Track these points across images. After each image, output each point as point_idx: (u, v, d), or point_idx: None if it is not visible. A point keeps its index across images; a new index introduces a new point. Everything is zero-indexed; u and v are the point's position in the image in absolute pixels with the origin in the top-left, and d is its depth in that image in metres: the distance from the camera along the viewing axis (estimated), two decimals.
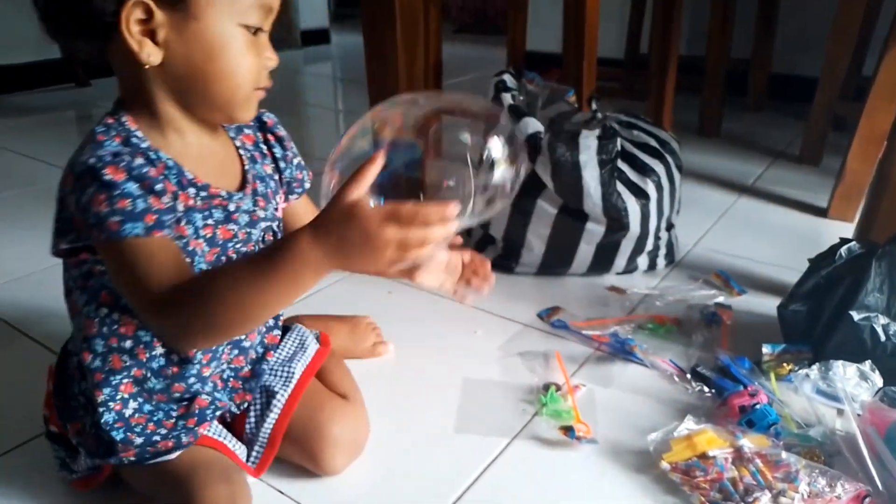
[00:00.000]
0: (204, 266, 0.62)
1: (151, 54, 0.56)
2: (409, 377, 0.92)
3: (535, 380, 0.90)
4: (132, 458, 0.64)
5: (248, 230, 0.65)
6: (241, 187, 0.66)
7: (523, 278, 1.18)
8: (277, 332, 0.76)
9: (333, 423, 0.71)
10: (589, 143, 1.06)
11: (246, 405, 0.72)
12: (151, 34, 0.56)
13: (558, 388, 0.87)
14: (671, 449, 0.74)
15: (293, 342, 0.77)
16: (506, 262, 1.18)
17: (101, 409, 0.63)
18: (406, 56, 1.28)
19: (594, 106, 1.14)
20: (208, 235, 0.62)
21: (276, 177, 0.71)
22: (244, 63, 0.59)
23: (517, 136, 0.67)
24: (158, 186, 0.56)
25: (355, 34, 4.14)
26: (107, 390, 0.63)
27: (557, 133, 1.07)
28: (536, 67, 2.45)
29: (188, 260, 0.60)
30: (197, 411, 0.67)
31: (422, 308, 1.10)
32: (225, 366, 0.69)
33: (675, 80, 1.86)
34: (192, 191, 0.61)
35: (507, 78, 1.19)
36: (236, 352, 0.69)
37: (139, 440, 0.64)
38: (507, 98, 1.13)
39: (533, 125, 1.09)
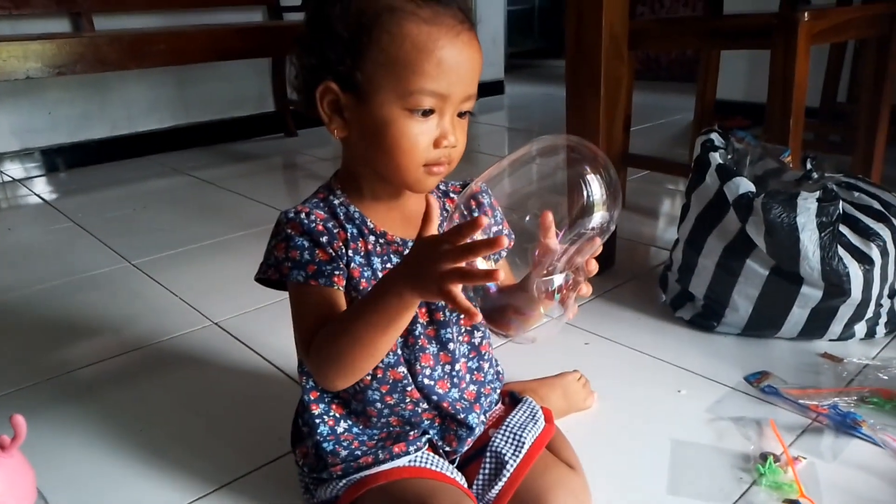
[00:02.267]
0: None
1: (337, 129, 0.67)
2: (615, 434, 0.93)
3: (749, 447, 0.87)
4: (339, 473, 0.73)
5: None
6: None
7: (725, 338, 1.15)
8: (473, 388, 0.78)
9: (558, 493, 0.72)
10: (808, 204, 1.02)
11: (457, 457, 0.77)
12: (341, 111, 0.66)
13: (776, 458, 0.84)
14: None
15: (524, 413, 0.80)
16: (706, 320, 1.16)
17: (316, 421, 0.73)
18: (607, 118, 1.32)
19: (809, 165, 1.11)
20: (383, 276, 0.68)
21: None
22: (405, 143, 0.64)
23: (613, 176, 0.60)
24: (324, 239, 0.67)
25: (526, 84, 4.31)
26: (322, 406, 0.74)
27: (772, 193, 1.05)
28: (720, 116, 2.39)
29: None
30: (396, 436, 0.73)
31: (620, 361, 1.11)
32: (406, 399, 0.72)
33: (887, 131, 1.74)
34: (371, 238, 0.70)
35: (714, 136, 1.19)
36: (409, 385, 0.72)
37: (344, 453, 0.73)
38: (716, 157, 1.13)
39: (744, 185, 1.08)
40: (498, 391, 0.84)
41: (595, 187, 0.60)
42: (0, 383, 1.10)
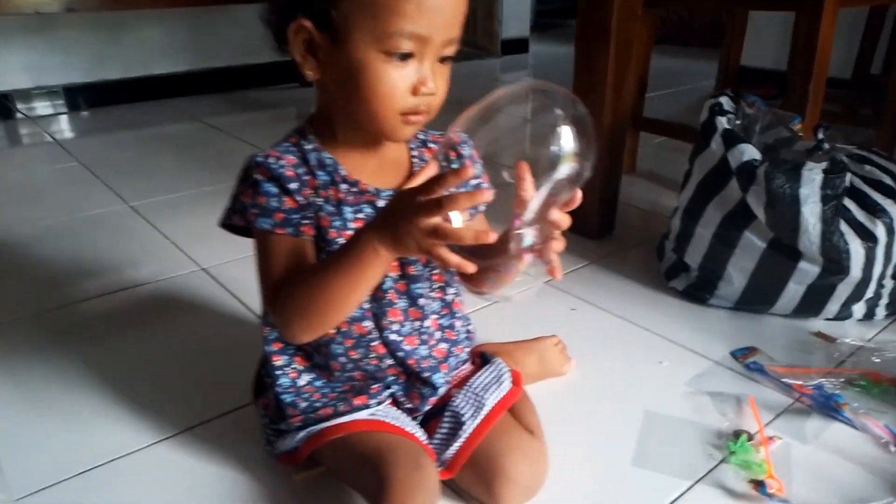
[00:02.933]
0: None
1: (311, 70, 0.63)
2: (588, 402, 0.91)
3: (724, 423, 0.85)
4: (298, 424, 0.72)
5: None
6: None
7: (717, 311, 1.12)
8: (444, 346, 0.75)
9: (515, 456, 0.70)
10: (813, 175, 0.97)
11: (419, 414, 0.75)
12: (315, 52, 0.62)
13: (750, 436, 0.81)
14: None
15: (490, 374, 0.77)
16: (699, 292, 1.12)
17: (277, 373, 0.72)
18: (616, 77, 1.26)
19: (821, 135, 1.04)
20: (359, 228, 0.65)
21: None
22: (381, 89, 0.61)
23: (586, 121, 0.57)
24: (293, 185, 0.64)
25: (553, 44, 4.19)
26: (284, 357, 0.72)
27: (777, 162, 0.99)
28: (748, 84, 2.29)
29: (324, 255, 0.66)
30: (359, 389, 0.72)
31: (604, 329, 1.08)
32: (371, 353, 0.70)
33: None
34: (343, 186, 0.67)
35: (724, 100, 1.13)
36: (375, 340, 0.70)
37: (303, 405, 0.72)
38: (723, 122, 1.08)
39: (749, 152, 1.02)
40: (468, 350, 0.81)
41: (565, 133, 0.56)
42: None
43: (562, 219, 0.59)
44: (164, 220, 1.51)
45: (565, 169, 0.56)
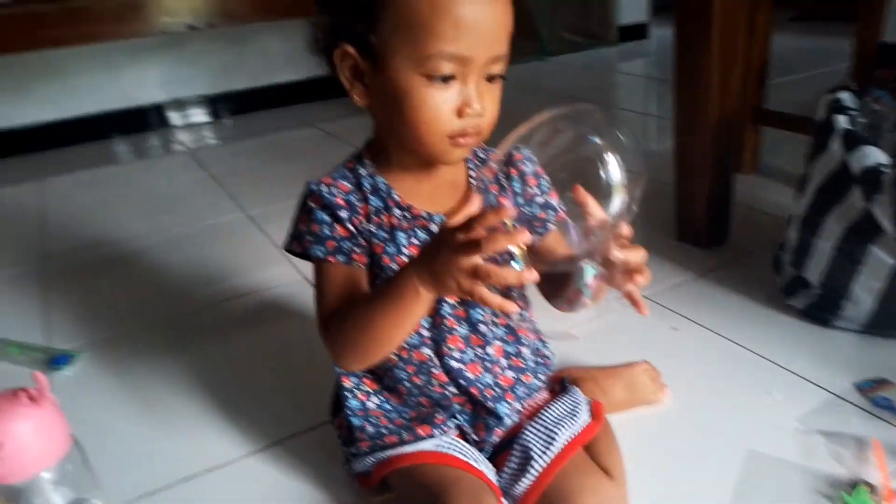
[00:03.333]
0: None
1: (359, 96, 0.64)
2: (683, 437, 0.84)
3: (839, 470, 0.75)
4: (366, 450, 0.72)
5: None
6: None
7: (842, 335, 1.00)
8: (511, 374, 0.73)
9: (588, 500, 0.65)
10: None
11: (488, 448, 0.73)
12: (361, 77, 0.62)
13: (871, 488, 0.71)
14: None
15: (564, 406, 0.73)
16: (821, 312, 1.01)
17: (347, 395, 0.72)
18: (721, 69, 1.15)
19: None
20: (413, 254, 0.65)
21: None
22: (425, 113, 0.60)
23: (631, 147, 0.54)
24: (343, 213, 0.65)
25: None
26: (353, 379, 0.72)
27: None
28: (891, 64, 2.03)
29: (378, 281, 0.66)
30: (424, 417, 0.71)
31: (708, 352, 1.00)
32: (434, 381, 0.69)
33: None
34: (396, 211, 0.66)
35: (845, 96, 1.00)
36: (435, 368, 0.69)
37: (371, 430, 0.72)
38: (842, 121, 0.96)
39: (874, 156, 0.90)
40: (543, 377, 0.78)
41: (612, 163, 0.53)
42: (107, 326, 1.21)
43: (628, 256, 0.55)
44: (276, 228, 1.58)
45: (617, 201, 0.54)
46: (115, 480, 0.82)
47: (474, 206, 0.55)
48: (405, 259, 0.66)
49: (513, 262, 0.55)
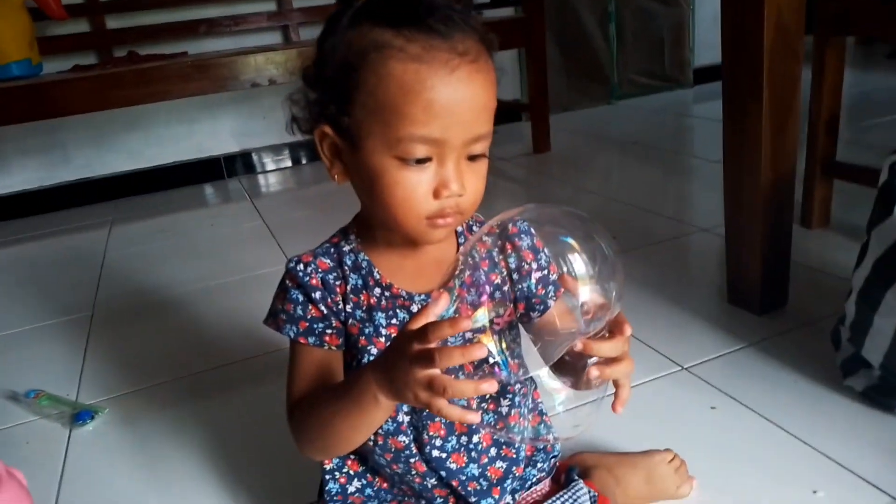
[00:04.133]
0: None
1: (338, 175, 0.62)
2: None
3: None
4: None
5: None
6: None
7: None
8: (501, 465, 0.67)
9: None
10: None
11: None
12: (340, 156, 0.61)
13: None
14: None
15: (563, 503, 0.68)
16: (883, 397, 0.88)
17: (326, 478, 0.68)
18: (772, 133, 1.06)
19: None
20: (392, 335, 0.62)
21: (505, 288, 0.64)
22: (399, 193, 0.57)
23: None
24: (317, 294, 0.62)
25: None
26: (336, 461, 0.68)
27: None
28: None
29: (356, 363, 0.63)
30: None
31: (747, 437, 0.89)
32: (413, 470, 0.65)
33: None
34: (377, 290, 0.63)
35: None
36: (413, 457, 0.64)
37: None
38: None
39: None
40: (545, 465, 0.71)
41: (577, 261, 0.51)
42: (135, 378, 1.23)
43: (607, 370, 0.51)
44: None
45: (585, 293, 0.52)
46: None
47: (440, 306, 0.51)
48: (383, 342, 0.63)
49: (491, 358, 0.51)
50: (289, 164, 2.82)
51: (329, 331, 0.63)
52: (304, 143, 2.71)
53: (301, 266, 0.64)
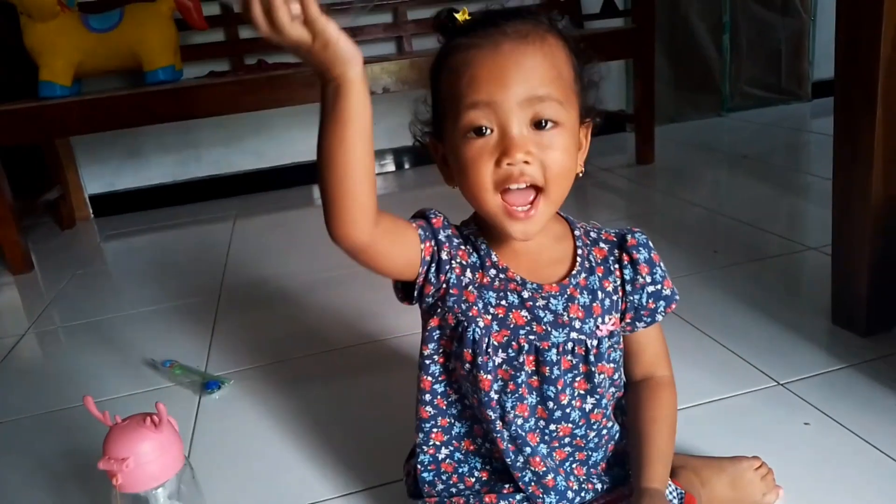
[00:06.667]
0: (493, 343, 0.66)
1: (448, 179, 0.67)
2: None
3: None
4: None
5: (549, 329, 0.66)
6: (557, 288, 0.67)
7: None
8: (567, 451, 0.71)
9: None
10: None
11: None
12: (447, 160, 0.66)
13: None
14: None
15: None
16: None
17: (417, 450, 0.74)
18: (885, 152, 1.04)
19: None
20: (500, 315, 0.66)
21: (615, 297, 0.68)
22: (473, 171, 0.61)
23: None
24: (446, 234, 0.66)
25: None
26: (420, 435, 0.73)
27: None
28: None
29: (470, 333, 0.66)
30: (493, 485, 0.71)
31: (839, 455, 0.88)
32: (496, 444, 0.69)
33: None
34: (492, 271, 0.67)
35: None
36: (497, 432, 0.68)
37: (440, 486, 0.73)
38: None
39: None
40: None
41: None
42: (257, 356, 1.35)
43: None
44: None
45: None
46: (222, 500, 0.91)
47: None
48: (489, 318, 0.66)
49: None
50: (392, 168, 2.95)
51: (430, 243, 0.65)
52: (408, 148, 2.86)
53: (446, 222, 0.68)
